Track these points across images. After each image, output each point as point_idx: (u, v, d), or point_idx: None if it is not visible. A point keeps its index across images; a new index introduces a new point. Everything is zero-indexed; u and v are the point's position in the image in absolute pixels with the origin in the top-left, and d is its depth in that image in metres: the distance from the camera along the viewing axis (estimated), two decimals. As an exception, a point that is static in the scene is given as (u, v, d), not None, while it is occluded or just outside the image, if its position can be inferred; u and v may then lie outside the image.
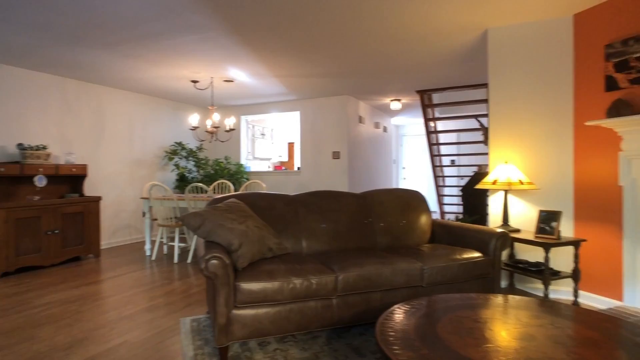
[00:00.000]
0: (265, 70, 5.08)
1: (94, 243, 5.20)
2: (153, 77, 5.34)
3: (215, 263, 2.23)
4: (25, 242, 4.48)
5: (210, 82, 5.54)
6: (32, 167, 4.70)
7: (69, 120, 5.43)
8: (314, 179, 6.92)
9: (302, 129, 7.03)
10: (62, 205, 4.86)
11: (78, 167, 5.21)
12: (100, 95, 5.82)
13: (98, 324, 2.96)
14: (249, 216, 2.77)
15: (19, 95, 4.88)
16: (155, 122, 6.71)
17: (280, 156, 9.34)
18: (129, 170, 6.27)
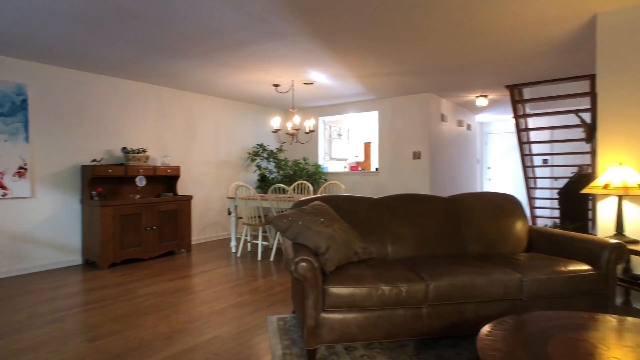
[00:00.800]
0: (344, 71, 5.09)
1: (185, 239, 5.61)
2: (238, 82, 5.60)
3: (304, 266, 2.26)
4: (128, 237, 4.96)
5: (291, 85, 5.68)
6: (134, 169, 5.19)
7: (164, 125, 5.91)
8: (393, 180, 6.79)
9: (381, 128, 6.94)
10: (159, 204, 5.29)
11: (172, 168, 5.64)
12: (191, 102, 6.26)
13: (193, 316, 3.16)
14: (334, 219, 2.77)
15: (123, 104, 5.41)
16: (239, 125, 7.05)
17: (356, 156, 9.32)
18: (216, 171, 6.66)
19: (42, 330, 2.91)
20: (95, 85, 5.12)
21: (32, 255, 4.58)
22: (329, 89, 6.04)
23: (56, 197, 4.78)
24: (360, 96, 6.69)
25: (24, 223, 4.51)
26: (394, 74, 5.26)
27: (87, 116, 5.05)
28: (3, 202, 4.35)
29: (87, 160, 5.05)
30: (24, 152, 4.47)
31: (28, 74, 4.54)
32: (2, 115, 4.31)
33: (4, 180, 4.32)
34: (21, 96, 4.45)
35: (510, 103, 6.67)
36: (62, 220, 4.83)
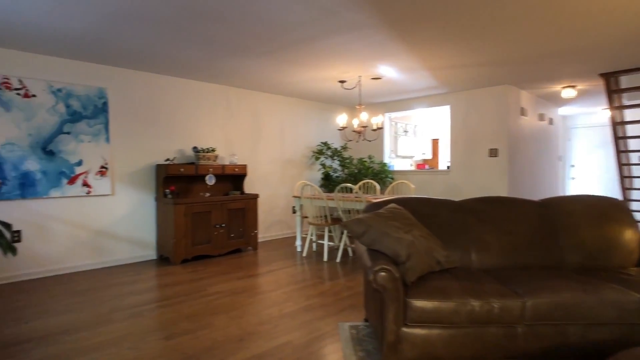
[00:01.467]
0: (416, 64, 4.82)
1: (252, 237, 5.67)
2: (303, 80, 5.54)
3: (384, 276, 2.10)
4: (199, 234, 5.09)
5: (358, 81, 5.51)
6: (204, 168, 5.32)
7: (231, 124, 6.01)
8: (466, 180, 6.38)
9: (453, 124, 6.55)
10: (227, 202, 5.39)
11: (240, 167, 5.72)
12: (257, 101, 6.31)
13: (263, 318, 3.13)
14: (413, 224, 2.58)
15: (194, 104, 5.57)
16: (304, 123, 7.02)
17: (423, 154, 8.94)
18: (281, 169, 6.68)
19: (122, 325, 3.01)
20: (168, 87, 5.31)
21: (112, 249, 4.85)
22: (397, 83, 5.79)
23: (133, 194, 5.02)
24: (431, 90, 6.35)
25: (105, 219, 4.79)
26: (471, 65, 4.90)
27: (161, 117, 5.25)
28: (87, 199, 4.64)
29: (161, 160, 5.26)
30: (104, 152, 4.73)
31: (108, 78, 4.80)
32: (86, 118, 4.59)
33: (88, 179, 4.61)
34: (102, 99, 4.72)
35: (603, 93, 5.99)
36: (138, 216, 5.07)
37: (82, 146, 4.56)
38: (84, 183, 4.58)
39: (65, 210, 4.47)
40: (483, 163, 6.20)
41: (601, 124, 8.53)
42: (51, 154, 4.33)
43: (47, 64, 4.33)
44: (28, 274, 4.23)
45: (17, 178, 4.10)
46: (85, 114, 4.58)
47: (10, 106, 4.05)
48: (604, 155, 8.48)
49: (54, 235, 4.40)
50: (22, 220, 4.18)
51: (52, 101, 4.33)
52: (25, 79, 4.15)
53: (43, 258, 4.33)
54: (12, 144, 4.06)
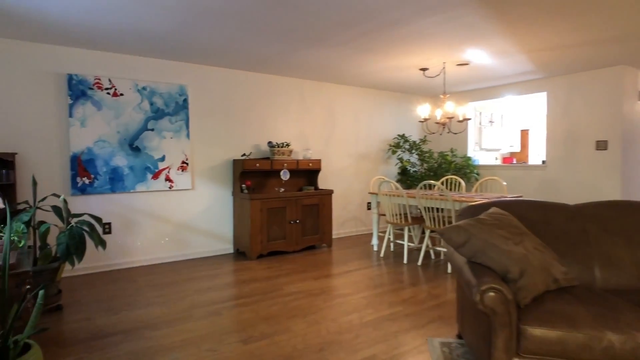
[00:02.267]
0: (512, 46, 4.28)
1: (327, 233, 5.51)
2: (380, 69, 5.22)
3: (493, 297, 1.78)
4: (274, 230, 5.04)
5: (443, 68, 5.06)
6: (279, 163, 5.24)
7: (305, 118, 5.87)
8: (566, 176, 5.66)
9: (550, 112, 5.83)
10: (302, 197, 5.27)
11: (314, 161, 5.57)
12: (331, 93, 6.11)
13: (342, 326, 2.92)
14: (523, 234, 2.20)
15: (268, 99, 5.51)
16: (379, 115, 6.69)
17: (511, 146, 8.17)
18: (355, 164, 6.44)
19: (201, 323, 2.98)
20: (244, 83, 5.29)
21: (193, 242, 4.96)
22: (486, 69, 5.24)
23: (212, 189, 5.09)
24: (525, 75, 5.70)
25: (186, 213, 4.90)
26: (577, 45, 4.24)
27: (237, 112, 5.25)
28: (170, 193, 4.77)
29: (237, 155, 5.27)
30: (185, 147, 4.82)
31: (188, 76, 4.87)
32: (168, 115, 4.70)
33: (170, 174, 4.73)
34: (183, 96, 4.80)
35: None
36: (216, 211, 5.13)
37: (165, 142, 4.68)
38: (167, 178, 4.71)
39: (150, 204, 4.64)
40: (588, 157, 5.44)
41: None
42: (137, 150, 4.49)
43: (133, 64, 4.48)
44: (118, 264, 4.45)
45: (107, 173, 4.30)
46: (167, 111, 4.70)
47: (101, 105, 4.25)
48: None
49: (139, 228, 4.58)
50: (112, 213, 4.39)
51: (138, 99, 4.48)
52: (114, 78, 4.32)
53: (130, 249, 4.53)
54: (103, 141, 4.27)
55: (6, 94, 3.81)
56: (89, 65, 4.21)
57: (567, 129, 5.64)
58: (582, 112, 5.49)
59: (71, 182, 4.10)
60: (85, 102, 4.15)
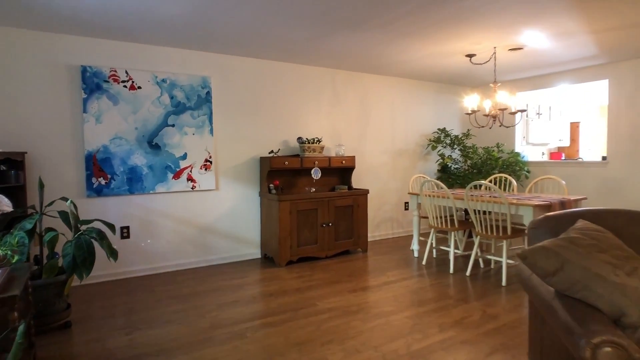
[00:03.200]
0: (578, 26, 3.66)
1: (362, 237, 5.04)
2: (420, 56, 4.67)
3: (611, 354, 1.27)
4: (305, 233, 4.61)
5: (493, 53, 4.47)
6: (309, 160, 4.80)
7: (337, 111, 5.40)
8: (632, 174, 4.96)
9: (612, 102, 5.13)
10: (335, 198, 4.82)
11: (347, 159, 5.10)
12: (365, 84, 5.60)
13: (388, 357, 2.46)
14: (633, 258, 1.66)
15: (297, 90, 5.07)
16: (417, 108, 6.14)
17: (560, 140, 7.42)
18: (391, 160, 5.92)
19: (222, 349, 2.59)
20: (271, 73, 4.87)
21: (217, 246, 4.60)
22: (542, 54, 4.61)
23: (237, 189, 4.71)
24: (583, 61, 5.02)
25: (210, 215, 4.54)
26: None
27: (264, 106, 4.84)
28: (192, 194, 4.42)
29: (264, 152, 4.87)
30: (209, 145, 4.46)
31: (211, 66, 4.49)
32: (190, 109, 4.34)
33: (192, 173, 4.38)
34: (206, 89, 4.43)
35: None
36: (242, 213, 4.76)
37: (187, 139, 4.33)
38: (189, 178, 4.36)
39: (170, 205, 4.30)
40: (660, 153, 4.73)
41: None
42: (157, 148, 4.15)
43: (151, 54, 4.13)
44: (136, 271, 4.14)
45: (125, 173, 3.98)
46: (189, 105, 4.33)
47: (117, 99, 3.92)
48: None
49: (160, 231, 4.25)
50: (131, 216, 4.07)
51: (157, 92, 4.13)
52: (131, 70, 3.98)
53: (150, 255, 4.21)
54: (120, 138, 3.94)
55: (15, 88, 3.53)
56: (104, 56, 3.88)
57: (634, 121, 4.93)
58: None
59: (86, 183, 3.79)
60: (101, 96, 3.83)
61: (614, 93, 5.11)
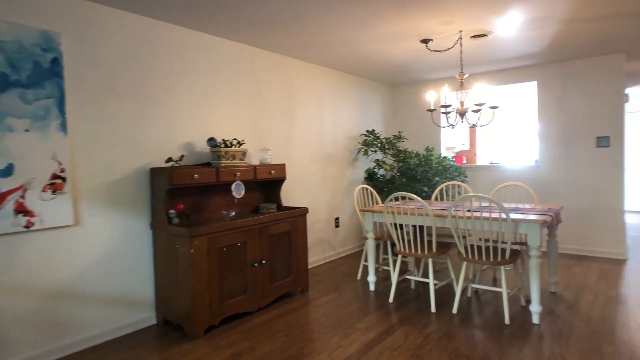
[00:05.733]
0: (561, 11, 2.86)
1: (302, 272, 3.53)
2: (365, 38, 3.43)
3: None
4: (230, 281, 2.91)
5: (459, 38, 3.47)
6: (228, 171, 3.10)
7: (259, 104, 3.80)
8: (563, 177, 4.58)
9: (541, 105, 4.70)
10: (268, 224, 3.22)
11: (276, 167, 3.54)
12: (291, 72, 4.11)
13: None
14: None
15: (205, 71, 3.31)
16: (345, 105, 4.90)
17: (462, 144, 7.10)
18: (321, 168, 4.55)
19: None
20: (166, 40, 3.03)
21: (78, 320, 2.55)
22: (501, 45, 3.80)
23: (112, 222, 2.73)
24: (521, 60, 4.45)
25: (64, 269, 2.48)
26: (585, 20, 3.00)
27: (154, 89, 2.96)
28: (27, 237, 2.32)
29: (158, 160, 2.99)
30: (59, 149, 2.42)
31: (62, 16, 2.47)
32: (19, 86, 2.26)
33: (26, 200, 2.28)
34: (51, 53, 2.39)
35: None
36: (122, 258, 2.79)
37: (13, 139, 2.23)
38: (19, 208, 2.26)
39: (-21, 264, 2.14)
40: (587, 155, 4.41)
41: None
42: (-60, 156, 1.97)
43: None
44: None
45: None
46: (15, 78, 2.25)
47: None
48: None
49: (-45, 317, 2.06)
50: None
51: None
52: None
53: None
54: None
55: None
56: None
57: (563, 124, 4.56)
58: (579, 104, 4.45)
59: None
60: None
61: (543, 95, 4.68)
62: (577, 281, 3.56)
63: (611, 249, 4.31)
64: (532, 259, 2.65)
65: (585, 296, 3.19)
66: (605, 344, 2.38)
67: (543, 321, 2.71)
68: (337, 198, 4.77)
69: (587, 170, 4.42)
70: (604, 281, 3.55)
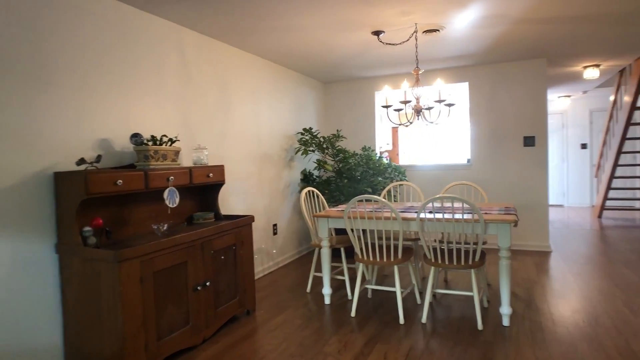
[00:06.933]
0: (517, 10, 2.95)
1: (248, 291, 3.11)
2: (314, 25, 3.17)
3: None
4: (169, 312, 2.38)
5: (414, 31, 3.38)
6: (159, 175, 2.55)
7: (190, 95, 3.26)
8: (493, 175, 4.87)
9: (473, 105, 4.95)
10: (212, 238, 2.74)
11: (215, 170, 3.06)
12: (224, 60, 3.63)
13: None
14: None
15: (124, 50, 2.69)
16: (280, 101, 4.55)
17: (387, 144, 7.24)
18: (258, 170, 4.13)
19: None
20: (73, 9, 2.36)
21: (-50, 393, 1.82)
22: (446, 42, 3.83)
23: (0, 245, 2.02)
24: (454, 61, 4.61)
25: None
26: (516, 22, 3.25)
27: (59, 70, 2.29)
28: None
29: (64, 162, 2.31)
30: None
31: None
32: None
33: None
34: None
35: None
36: (14, 294, 2.08)
37: None
38: None
39: None
40: (516, 155, 4.76)
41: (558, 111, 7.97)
42: None
43: None
44: None
45: None
46: None
47: None
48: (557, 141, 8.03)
49: None
50: None
51: None
52: None
53: None
54: None
55: None
56: None
57: (493, 124, 4.86)
58: (507, 106, 4.78)
59: None
60: None
61: (475, 96, 4.93)
62: (522, 276, 3.76)
63: (538, 242, 4.70)
64: (502, 260, 2.65)
65: (536, 290, 3.36)
66: (579, 341, 2.46)
67: (512, 323, 2.73)
68: (275, 202, 4.41)
69: (516, 168, 4.76)
70: (544, 274, 3.79)
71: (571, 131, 7.84)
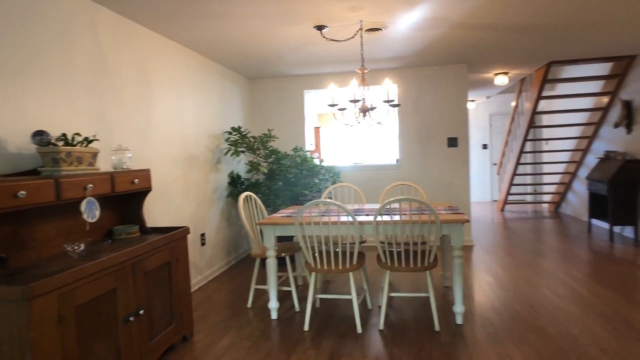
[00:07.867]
0: (462, 15, 3.08)
1: (185, 313, 2.73)
2: (251, 13, 2.93)
3: None
4: (96, 353, 1.94)
5: (359, 29, 3.31)
6: (74, 183, 2.08)
7: (105, 87, 2.75)
8: (420, 175, 5.09)
9: (401, 107, 5.11)
10: (145, 257, 2.33)
11: (140, 175, 2.62)
12: (145, 46, 3.16)
13: None
14: None
15: (21, 29, 2.14)
16: (205, 97, 4.15)
17: (311, 144, 7.17)
18: (183, 174, 3.70)
19: None
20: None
21: None
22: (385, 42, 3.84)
23: None
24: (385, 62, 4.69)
25: None
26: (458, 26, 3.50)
27: None
28: None
29: None
30: None
31: None
32: None
33: None
34: None
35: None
36: None
37: None
38: None
39: None
40: (441, 155, 5.04)
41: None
42: None
43: None
44: None
45: None
46: None
47: None
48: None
49: None
50: None
51: None
52: None
53: None
54: None
55: None
56: None
57: (420, 126, 5.08)
58: (433, 108, 5.03)
59: None
60: None
61: (404, 98, 5.08)
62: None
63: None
64: (456, 259, 2.71)
65: (476, 286, 3.54)
66: (527, 332, 2.61)
67: (465, 321, 2.81)
68: (202, 209, 4.01)
69: (441, 167, 5.03)
70: (475, 268, 4.04)
71: (474, 133, 8.68)
